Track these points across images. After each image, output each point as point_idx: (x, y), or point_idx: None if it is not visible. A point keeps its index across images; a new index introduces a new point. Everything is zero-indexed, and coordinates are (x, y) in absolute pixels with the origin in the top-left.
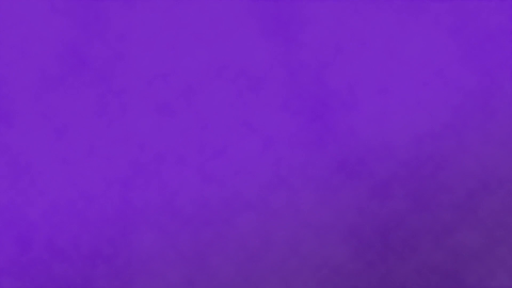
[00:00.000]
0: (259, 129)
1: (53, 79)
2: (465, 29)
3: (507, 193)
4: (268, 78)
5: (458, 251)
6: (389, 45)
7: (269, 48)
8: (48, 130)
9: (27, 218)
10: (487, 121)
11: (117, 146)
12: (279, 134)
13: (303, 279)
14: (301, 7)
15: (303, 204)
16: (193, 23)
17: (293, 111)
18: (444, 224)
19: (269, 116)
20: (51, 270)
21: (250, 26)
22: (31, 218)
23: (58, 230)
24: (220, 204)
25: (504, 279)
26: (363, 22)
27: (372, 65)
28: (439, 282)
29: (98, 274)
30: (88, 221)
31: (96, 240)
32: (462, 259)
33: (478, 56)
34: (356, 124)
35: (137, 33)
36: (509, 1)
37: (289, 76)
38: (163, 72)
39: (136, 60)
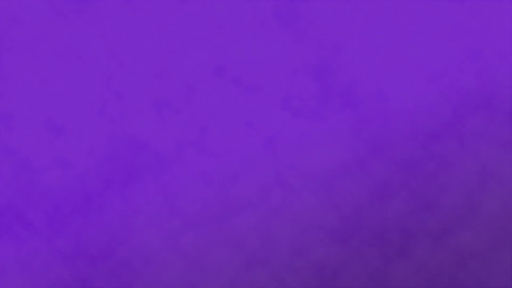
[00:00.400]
0: (259, 129)
1: (53, 78)
2: (466, 28)
3: (507, 193)
4: (268, 78)
5: (458, 251)
6: (390, 44)
7: (269, 48)
8: (48, 130)
9: (26, 218)
10: (487, 121)
11: (117, 146)
12: (279, 134)
13: (303, 279)
14: (301, 6)
15: (303, 204)
16: (193, 23)
17: (294, 111)
18: (444, 224)
19: (270, 116)
20: (50, 270)
21: (250, 25)
22: (31, 217)
23: (57, 230)
24: (220, 204)
25: (504, 279)
26: (363, 22)
27: (373, 65)
28: (439, 282)
29: (97, 274)
30: (87, 221)
31: (95, 240)
32: (462, 259)
33: (479, 56)
34: (356, 124)
35: (137, 32)
36: (509, 1)
37: (289, 76)
38: (163, 72)
39: (136, 60)
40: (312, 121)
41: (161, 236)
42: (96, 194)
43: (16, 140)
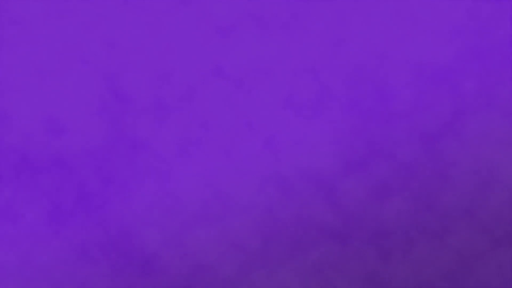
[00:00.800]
0: (259, 129)
1: (53, 78)
2: (466, 28)
3: (507, 193)
4: (268, 77)
5: (459, 251)
6: (390, 45)
7: (269, 47)
8: (48, 129)
9: (26, 217)
10: (487, 121)
11: (116, 146)
12: (279, 134)
13: (303, 279)
14: (301, 6)
15: (303, 204)
16: (193, 23)
17: (294, 111)
18: (444, 224)
19: (270, 116)
20: (50, 270)
21: (250, 25)
22: (31, 218)
23: (57, 231)
24: (220, 204)
25: (504, 279)
26: (363, 22)
27: (373, 64)
28: (439, 282)
29: (97, 274)
30: (87, 221)
31: (95, 240)
32: (462, 259)
33: (479, 56)
34: (356, 124)
35: (137, 33)
36: (509, 2)
37: (289, 76)
38: (163, 72)
39: (136, 60)
40: (312, 121)
41: (161, 236)
42: (96, 194)
43: (16, 140)
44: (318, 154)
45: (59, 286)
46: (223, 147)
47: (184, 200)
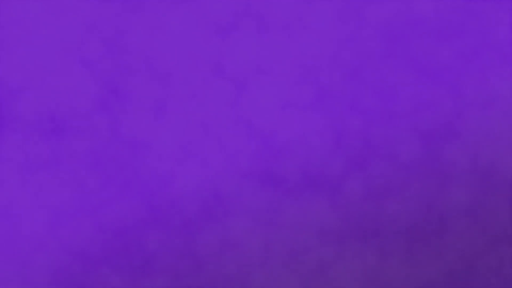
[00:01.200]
0: (259, 129)
1: (53, 77)
2: (466, 28)
3: (507, 193)
4: (269, 77)
5: (459, 251)
6: (389, 43)
7: (269, 47)
8: (48, 129)
9: (26, 218)
10: (487, 121)
11: (116, 146)
12: (279, 134)
13: (303, 280)
14: (300, 5)
15: (302, 204)
16: (193, 22)
17: (293, 110)
18: (444, 224)
19: (269, 116)
20: (50, 271)
21: (249, 25)
22: (31, 218)
23: (57, 231)
24: (219, 204)
25: (504, 279)
26: (362, 20)
27: (372, 63)
28: (439, 282)
29: (96, 275)
30: (87, 221)
31: (94, 241)
32: (462, 259)
33: (479, 56)
34: (357, 124)
35: (137, 32)
36: (509, 2)
37: (289, 76)
38: (163, 71)
39: (136, 59)
40: (312, 121)
41: (161, 236)
42: (95, 194)
43: (16, 139)
44: (318, 154)
45: (59, 286)
46: (223, 147)
47: (184, 200)
